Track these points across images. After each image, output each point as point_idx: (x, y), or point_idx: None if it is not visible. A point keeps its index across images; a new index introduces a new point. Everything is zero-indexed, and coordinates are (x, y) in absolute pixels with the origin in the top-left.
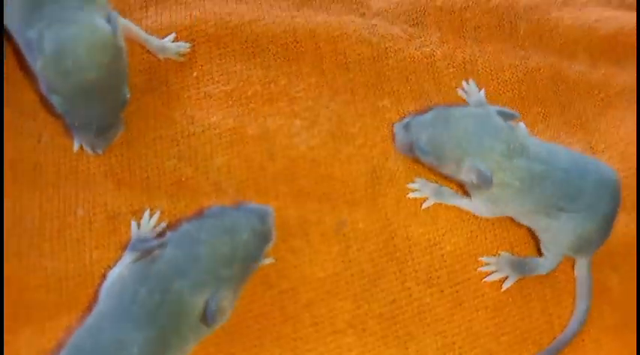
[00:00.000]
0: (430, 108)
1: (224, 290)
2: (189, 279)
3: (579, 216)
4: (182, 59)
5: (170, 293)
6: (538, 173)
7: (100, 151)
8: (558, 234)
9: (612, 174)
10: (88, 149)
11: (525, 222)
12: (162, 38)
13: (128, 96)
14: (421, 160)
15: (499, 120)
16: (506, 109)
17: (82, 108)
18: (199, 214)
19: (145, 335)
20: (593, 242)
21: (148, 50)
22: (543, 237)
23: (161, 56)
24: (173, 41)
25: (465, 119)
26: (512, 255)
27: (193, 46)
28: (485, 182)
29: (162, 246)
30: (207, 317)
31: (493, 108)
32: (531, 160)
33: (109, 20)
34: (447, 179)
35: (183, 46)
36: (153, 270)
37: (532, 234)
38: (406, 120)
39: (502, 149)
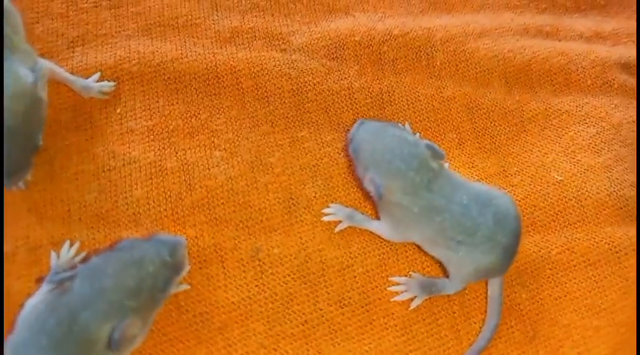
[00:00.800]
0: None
1: (130, 320)
2: (95, 310)
3: (478, 250)
4: (106, 97)
5: (77, 324)
6: (437, 206)
7: (11, 188)
8: (459, 266)
9: (512, 208)
10: None
11: (430, 251)
12: (88, 77)
13: (40, 143)
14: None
15: (420, 151)
16: (436, 147)
17: None
18: (111, 247)
19: None
20: (495, 271)
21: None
22: (448, 267)
23: (85, 95)
24: (97, 81)
25: (391, 138)
26: (423, 275)
27: (117, 84)
28: (377, 194)
29: (72, 278)
30: (111, 345)
31: (424, 142)
32: (434, 193)
33: (33, 70)
34: (362, 204)
35: (107, 85)
36: (62, 301)
37: None
38: (368, 119)
39: (409, 176)
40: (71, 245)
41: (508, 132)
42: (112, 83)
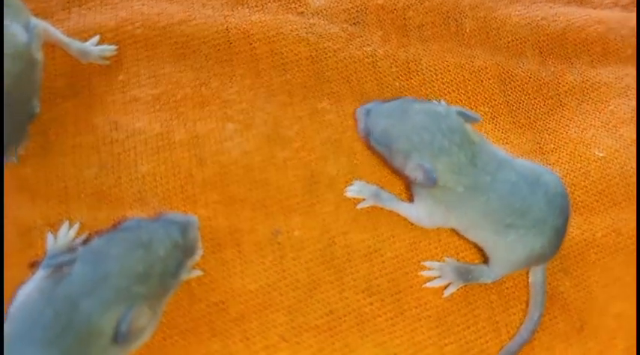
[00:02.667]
0: (396, 98)
1: (138, 308)
2: (98, 298)
3: (529, 234)
4: (106, 63)
5: (78, 314)
6: (483, 184)
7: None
8: (507, 252)
9: (561, 187)
10: None
11: (472, 237)
12: (86, 41)
13: (37, 110)
14: (376, 150)
15: (457, 122)
16: (468, 111)
17: None
18: (115, 228)
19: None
20: (545, 256)
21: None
22: (492, 253)
23: (83, 60)
24: (97, 44)
25: (422, 114)
26: (458, 261)
27: (119, 48)
28: (429, 180)
29: (71, 262)
30: (117, 338)
31: (454, 109)
32: (479, 169)
33: (26, 28)
34: (389, 182)
35: (108, 49)
36: (61, 289)
37: None
38: (369, 105)
39: (452, 151)
40: (70, 226)
41: (543, 107)
42: (113, 47)
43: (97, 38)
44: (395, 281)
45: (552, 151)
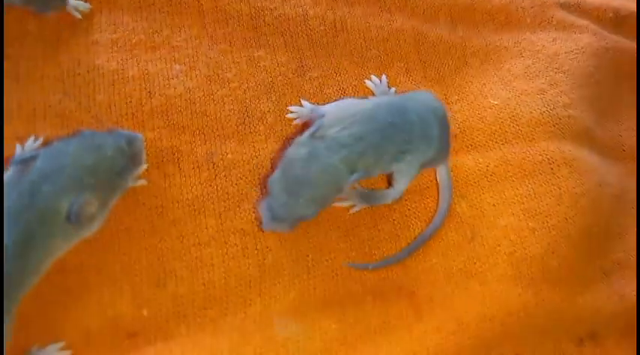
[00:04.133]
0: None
1: (87, 195)
2: (55, 183)
3: (420, 151)
4: (78, 16)
5: (37, 196)
6: (375, 143)
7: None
8: (406, 170)
9: (429, 99)
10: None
11: (378, 172)
12: None
13: None
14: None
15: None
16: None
17: None
18: (72, 135)
19: (13, 229)
20: (436, 160)
21: None
22: (394, 176)
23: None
24: None
25: (314, 172)
26: (365, 188)
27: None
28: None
29: (34, 158)
30: (70, 217)
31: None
32: (365, 139)
33: None
34: None
35: (83, 6)
36: (25, 178)
37: None
38: (266, 214)
39: (343, 156)
40: (35, 140)
41: (451, 65)
42: (88, 5)
43: None
44: None
45: (456, 102)
